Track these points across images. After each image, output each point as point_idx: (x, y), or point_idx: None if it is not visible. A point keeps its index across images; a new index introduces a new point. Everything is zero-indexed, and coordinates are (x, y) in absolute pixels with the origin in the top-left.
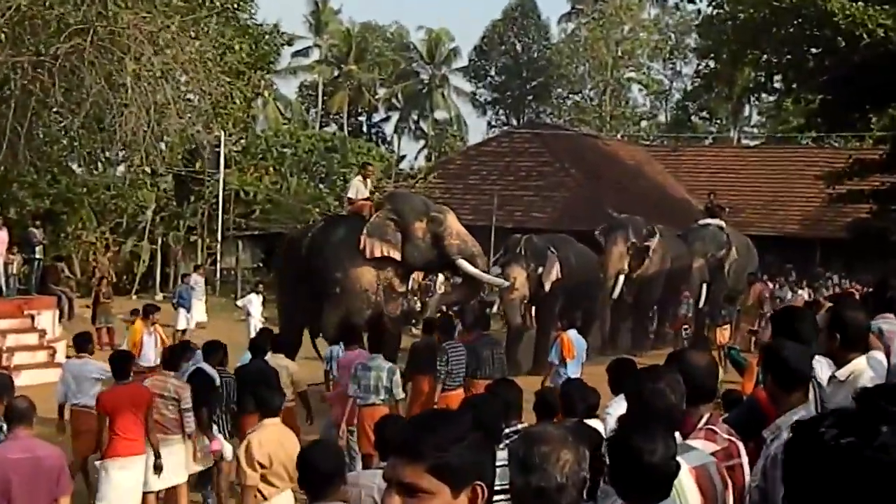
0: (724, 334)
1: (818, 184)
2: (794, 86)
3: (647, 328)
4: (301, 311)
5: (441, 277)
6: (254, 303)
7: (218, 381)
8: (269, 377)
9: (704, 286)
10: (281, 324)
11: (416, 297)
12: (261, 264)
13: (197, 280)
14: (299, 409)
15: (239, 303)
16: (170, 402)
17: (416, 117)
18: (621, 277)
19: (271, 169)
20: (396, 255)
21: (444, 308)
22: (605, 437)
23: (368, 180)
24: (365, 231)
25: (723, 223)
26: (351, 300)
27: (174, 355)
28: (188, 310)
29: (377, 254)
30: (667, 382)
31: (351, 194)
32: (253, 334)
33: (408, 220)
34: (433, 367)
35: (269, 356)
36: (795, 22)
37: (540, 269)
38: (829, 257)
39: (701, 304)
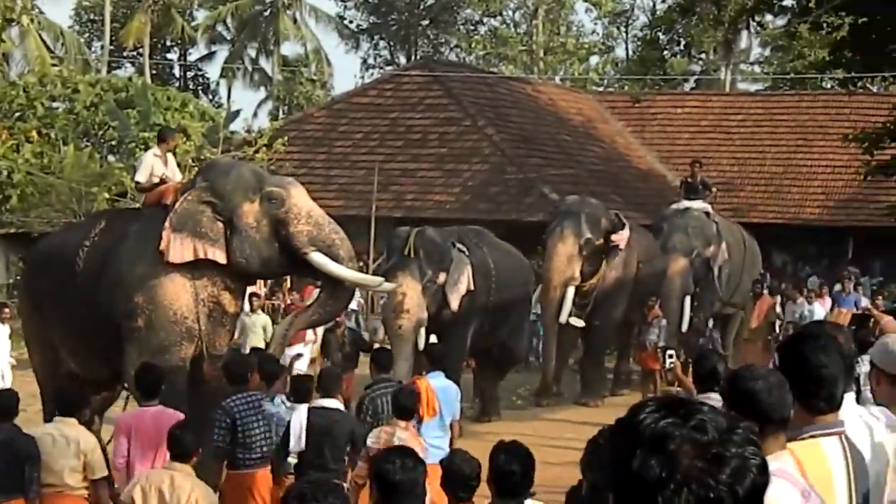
0: None
1: (849, 147)
2: (812, 3)
3: (603, 365)
4: (77, 357)
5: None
6: None
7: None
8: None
9: (687, 300)
10: (39, 377)
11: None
12: (20, 278)
13: None
14: None
15: None
16: None
17: (253, 54)
18: (570, 291)
19: (34, 134)
20: (219, 257)
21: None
22: None
23: (170, 155)
24: (167, 224)
25: (709, 207)
26: (161, 335)
27: None
28: None
29: (189, 257)
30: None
31: (141, 177)
32: None
33: (232, 200)
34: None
35: (53, 422)
36: None
37: (442, 277)
38: (864, 254)
39: (683, 326)
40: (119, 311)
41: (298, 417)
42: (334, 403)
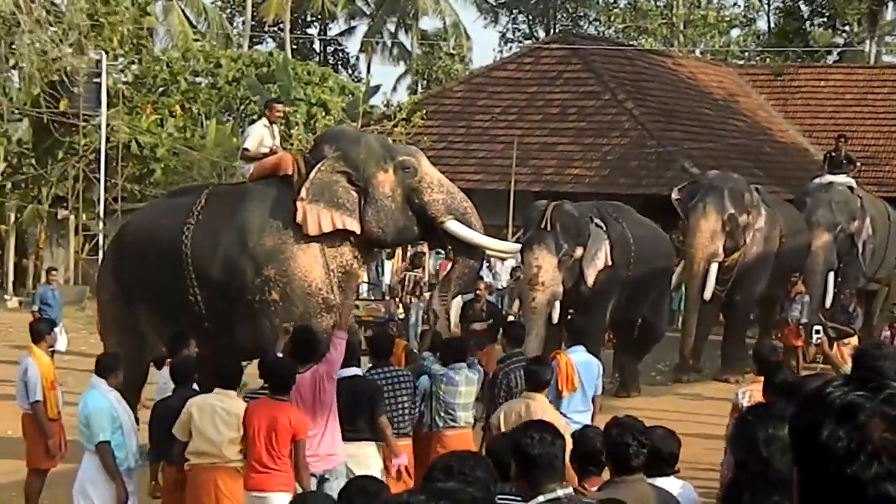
0: (849, 352)
1: None
2: None
3: (744, 341)
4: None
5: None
6: None
7: None
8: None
9: (830, 276)
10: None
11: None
12: (102, 263)
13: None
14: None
15: None
16: None
17: (393, 28)
18: (714, 267)
19: (178, 109)
20: (356, 227)
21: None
22: None
23: (275, 126)
24: (303, 195)
25: (852, 181)
26: (300, 308)
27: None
28: (55, 321)
29: (327, 228)
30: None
31: (250, 144)
32: None
33: (366, 170)
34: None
35: (213, 392)
36: None
37: (579, 252)
38: None
39: (827, 302)
40: (245, 286)
41: None
42: (354, 371)
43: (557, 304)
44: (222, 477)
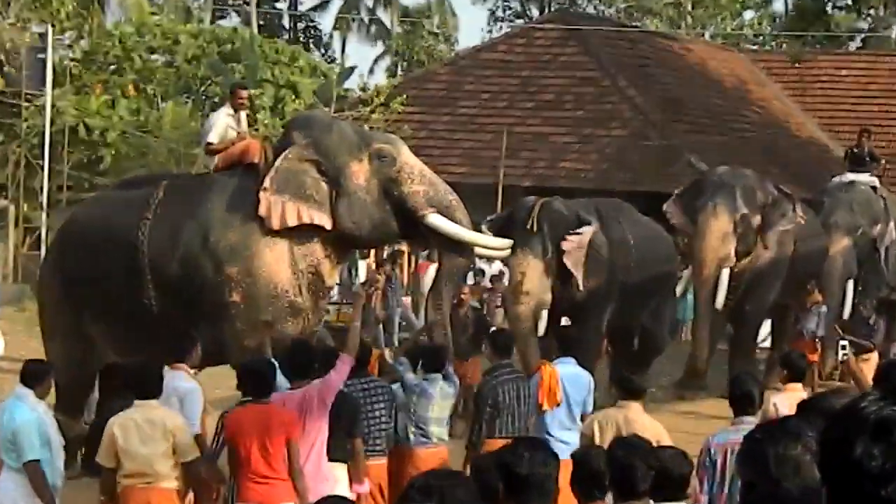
0: (868, 368)
1: None
2: None
3: (754, 354)
4: (130, 346)
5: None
6: None
7: None
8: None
9: (849, 284)
10: (60, 369)
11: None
12: (44, 264)
13: None
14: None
15: None
16: None
17: (371, 3)
18: (725, 272)
19: (131, 89)
20: (325, 222)
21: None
22: None
23: (242, 113)
24: (267, 185)
25: (876, 181)
26: (262, 311)
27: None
28: None
29: (293, 222)
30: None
31: (214, 137)
32: None
33: (338, 159)
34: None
35: (133, 406)
36: None
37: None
38: None
39: (845, 313)
40: (204, 286)
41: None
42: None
43: (544, 313)
44: (157, 498)
